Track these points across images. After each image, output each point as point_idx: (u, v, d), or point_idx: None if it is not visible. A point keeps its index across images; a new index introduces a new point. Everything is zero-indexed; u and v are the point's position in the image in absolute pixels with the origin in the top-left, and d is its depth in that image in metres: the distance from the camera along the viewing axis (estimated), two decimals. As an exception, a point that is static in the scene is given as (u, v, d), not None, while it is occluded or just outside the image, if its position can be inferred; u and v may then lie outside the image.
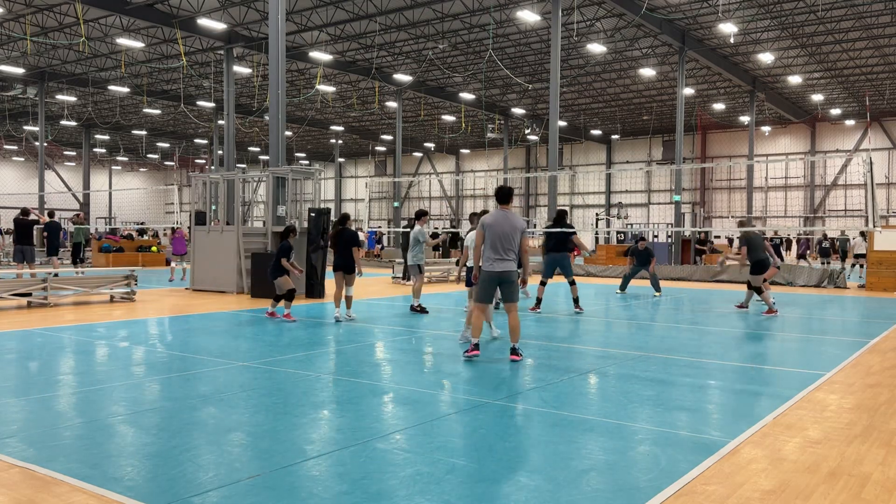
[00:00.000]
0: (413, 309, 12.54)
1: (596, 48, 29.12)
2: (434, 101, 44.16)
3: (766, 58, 30.98)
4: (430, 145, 61.54)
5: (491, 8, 27.15)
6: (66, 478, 4.04)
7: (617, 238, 38.44)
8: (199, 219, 17.91)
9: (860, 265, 24.99)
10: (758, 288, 13.12)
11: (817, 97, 41.40)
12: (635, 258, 17.08)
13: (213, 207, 19.55)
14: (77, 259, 21.39)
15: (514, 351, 7.82)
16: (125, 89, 38.75)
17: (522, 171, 61.42)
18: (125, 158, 68.81)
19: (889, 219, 46.03)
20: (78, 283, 14.11)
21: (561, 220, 13.65)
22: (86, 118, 48.14)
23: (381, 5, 27.45)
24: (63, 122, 47.38)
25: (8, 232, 30.99)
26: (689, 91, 38.44)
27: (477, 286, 7.99)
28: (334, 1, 27.02)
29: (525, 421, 5.41)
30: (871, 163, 13.73)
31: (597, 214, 51.02)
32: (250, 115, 44.21)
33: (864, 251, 23.06)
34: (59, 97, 40.56)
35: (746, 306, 13.82)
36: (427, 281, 19.86)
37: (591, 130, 53.98)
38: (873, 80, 38.30)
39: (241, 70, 35.52)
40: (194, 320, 11.28)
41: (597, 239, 43.70)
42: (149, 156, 67.50)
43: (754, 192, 46.11)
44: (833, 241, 30.21)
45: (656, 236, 42.50)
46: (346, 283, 11.32)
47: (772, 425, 5.34)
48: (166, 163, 70.95)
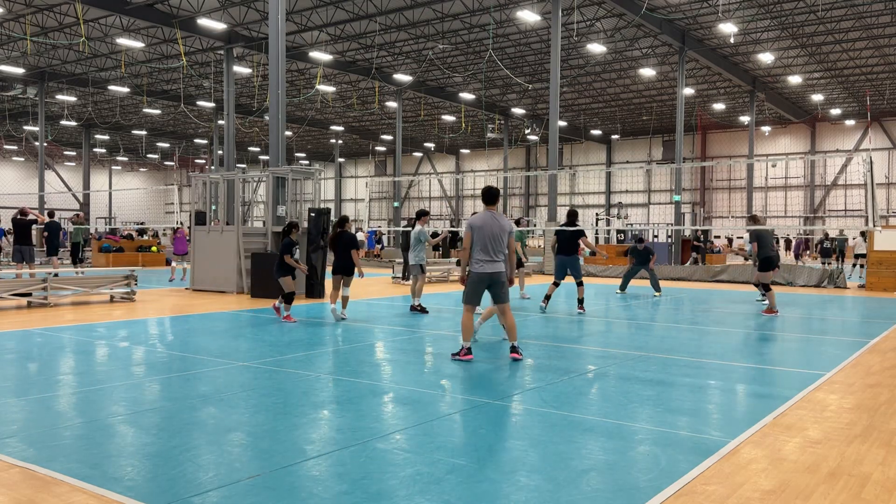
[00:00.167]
0: (413, 309, 12.55)
1: (596, 48, 29.12)
2: (434, 101, 44.16)
3: (766, 58, 30.98)
4: (430, 145, 61.53)
5: (491, 8, 27.15)
6: (66, 478, 4.04)
7: (617, 238, 38.44)
8: (199, 219, 17.91)
9: (860, 265, 24.97)
10: (766, 285, 12.88)
11: (817, 97, 41.41)
12: (635, 258, 17.17)
13: (213, 207, 19.56)
14: (76, 259, 21.41)
15: (514, 349, 7.84)
16: (125, 89, 38.76)
17: (522, 171, 61.41)
18: (125, 158, 68.81)
19: (889, 219, 46.03)
20: (78, 283, 14.11)
21: (572, 220, 13.45)
22: (86, 118, 48.15)
23: (381, 5, 27.45)
24: (63, 122, 47.38)
25: (10, 232, 31.03)
26: (689, 91, 38.44)
27: (466, 288, 7.98)
28: (334, 1, 27.02)
29: (525, 421, 5.41)
30: (871, 163, 13.74)
31: (597, 214, 51.06)
32: (250, 115, 44.21)
33: (864, 251, 23.05)
34: (59, 97, 40.56)
35: (775, 310, 12.85)
36: (427, 281, 19.87)
37: (591, 130, 53.96)
38: (873, 80, 38.30)
39: (241, 70, 35.52)
40: (194, 320, 11.28)
41: (597, 239, 43.74)
42: (149, 156, 67.51)
43: (754, 192, 46.12)
44: (832, 240, 30.19)
45: (656, 236, 42.51)
46: (344, 283, 11.39)
47: (772, 425, 5.34)
48: (166, 163, 70.96)
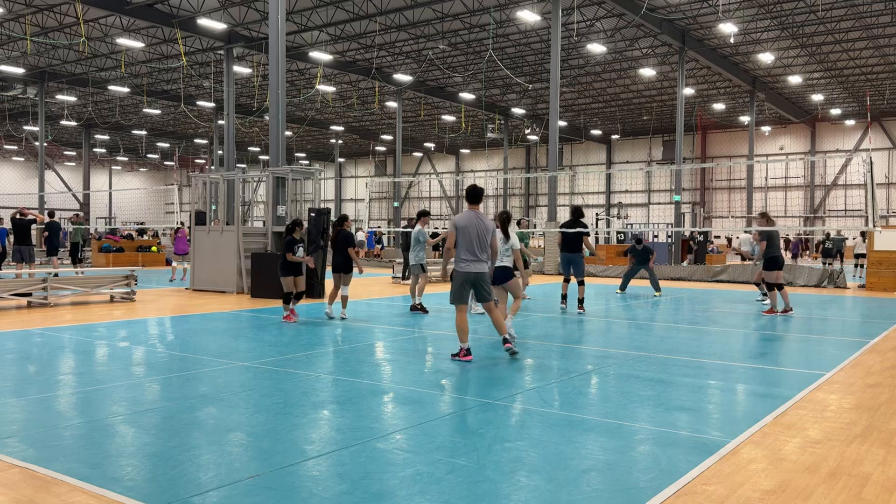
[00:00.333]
0: (413, 308, 12.55)
1: (596, 48, 29.12)
2: (434, 101, 44.15)
3: (766, 58, 30.98)
4: (430, 145, 61.52)
5: (491, 8, 27.15)
6: (66, 478, 4.04)
7: (617, 238, 38.44)
8: (199, 219, 17.92)
9: (860, 265, 24.97)
10: (779, 284, 12.54)
11: (817, 97, 41.40)
12: (635, 258, 17.20)
13: (213, 207, 19.55)
14: (76, 259, 21.41)
15: (506, 340, 7.93)
16: (125, 89, 38.75)
17: (522, 171, 61.42)
18: (125, 158, 68.78)
19: (889, 219, 46.04)
20: (78, 283, 14.10)
21: (577, 218, 13.27)
22: (86, 118, 48.15)
23: (381, 5, 27.45)
24: (63, 122, 47.37)
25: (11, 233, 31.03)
26: (689, 91, 38.44)
27: (452, 288, 7.94)
28: (334, 1, 27.02)
29: (525, 421, 5.41)
30: (871, 163, 13.75)
31: (597, 214, 51.04)
32: (250, 115, 44.20)
33: (864, 251, 23.05)
34: (59, 97, 40.56)
35: (789, 308, 12.75)
36: (428, 280, 19.84)
37: (591, 130, 53.96)
38: (873, 80, 38.30)
39: (241, 70, 35.52)
40: (194, 320, 11.28)
41: (597, 239, 43.72)
42: (149, 156, 67.50)
43: (754, 192, 46.13)
44: (832, 241, 30.16)
45: (656, 236, 42.50)
46: (343, 282, 11.40)
47: (772, 425, 5.34)
48: (166, 163, 70.93)
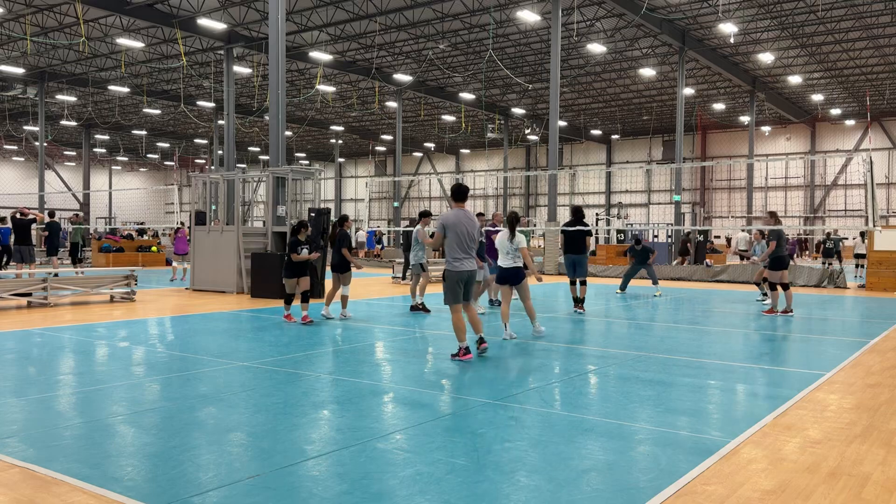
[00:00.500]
0: (413, 308, 12.55)
1: (596, 48, 29.12)
2: (434, 101, 44.15)
3: (766, 58, 30.98)
4: (430, 145, 61.52)
5: (491, 8, 27.15)
6: (66, 478, 4.04)
7: (617, 238, 38.44)
8: (199, 219, 17.93)
9: (860, 265, 24.95)
10: (784, 284, 12.50)
11: (817, 97, 41.39)
12: (634, 257, 17.21)
13: (213, 207, 19.56)
14: (76, 259, 21.41)
15: (481, 340, 8.06)
16: (125, 89, 38.74)
17: (522, 171, 61.40)
18: (125, 158, 68.78)
19: (889, 219, 46.03)
20: (78, 283, 14.11)
21: (578, 218, 12.94)
22: (86, 118, 48.14)
23: (381, 5, 27.45)
24: (63, 122, 47.36)
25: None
26: (689, 91, 38.44)
27: (445, 289, 7.94)
28: (334, 1, 27.01)
29: (525, 421, 5.40)
30: (871, 163, 13.76)
31: (597, 214, 51.00)
32: (250, 115, 44.20)
33: (864, 251, 23.04)
34: (59, 97, 40.55)
35: (790, 309, 12.70)
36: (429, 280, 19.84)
37: (591, 130, 53.95)
38: (873, 80, 38.30)
39: (241, 70, 35.51)
40: (194, 320, 11.28)
41: (597, 239, 43.71)
42: (149, 156, 67.48)
43: (754, 192, 46.11)
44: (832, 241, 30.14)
45: (656, 236, 42.50)
46: (342, 282, 11.42)
47: (772, 425, 5.34)
48: (166, 163, 70.92)
